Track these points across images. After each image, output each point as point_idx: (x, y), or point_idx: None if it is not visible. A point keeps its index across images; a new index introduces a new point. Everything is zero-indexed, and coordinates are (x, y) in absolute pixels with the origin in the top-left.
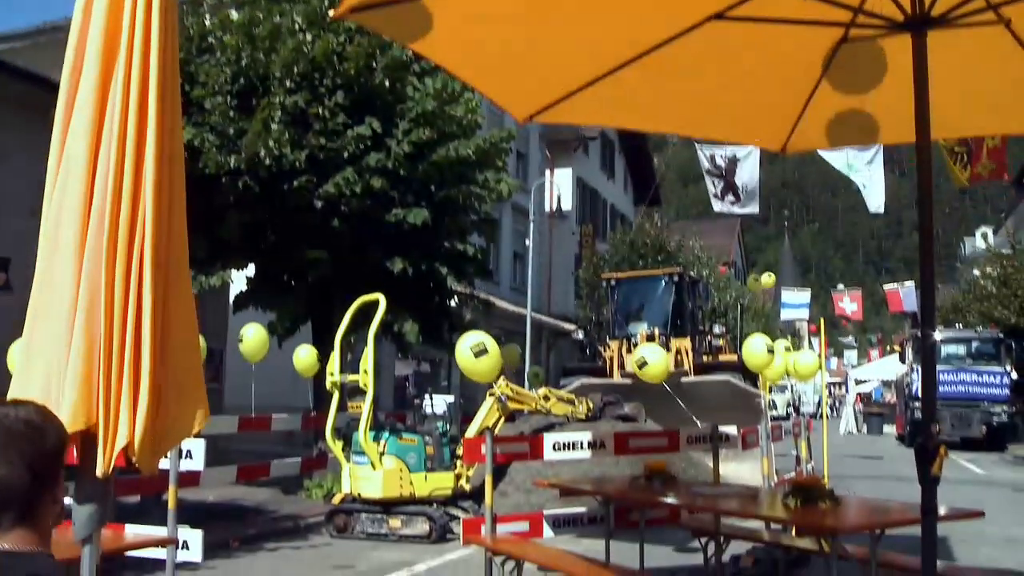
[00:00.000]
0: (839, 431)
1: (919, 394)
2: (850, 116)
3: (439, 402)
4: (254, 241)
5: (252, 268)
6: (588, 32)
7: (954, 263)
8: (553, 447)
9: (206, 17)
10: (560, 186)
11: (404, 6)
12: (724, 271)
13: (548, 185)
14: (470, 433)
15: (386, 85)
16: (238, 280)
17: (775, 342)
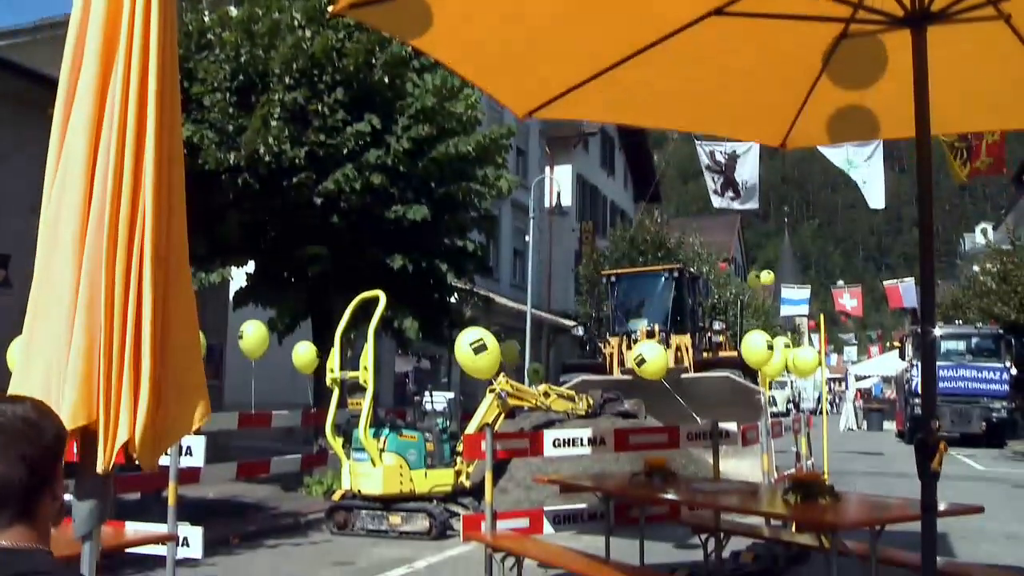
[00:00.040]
0: (839, 427)
1: (919, 390)
2: (850, 112)
3: (439, 399)
4: (254, 238)
5: (252, 265)
6: (588, 28)
7: (954, 259)
8: (553, 443)
9: (205, 14)
10: (560, 182)
11: (403, 2)
12: (724, 267)
13: (548, 181)
14: (470, 430)
15: (385, 81)
16: (238, 277)
17: (775, 339)
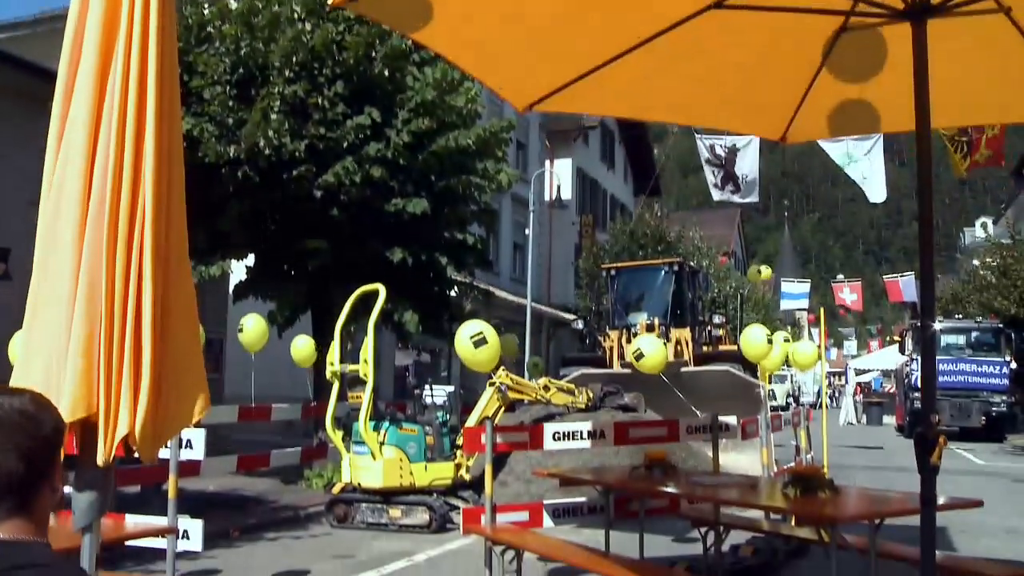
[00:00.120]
0: (839, 421)
1: (919, 384)
2: (850, 105)
3: (439, 392)
4: (254, 231)
5: (252, 258)
6: (588, 21)
7: (954, 253)
8: (553, 437)
9: (205, 7)
10: (560, 176)
11: None
12: (724, 261)
13: (548, 175)
14: (470, 423)
15: (386, 75)
16: (238, 270)
17: (775, 333)
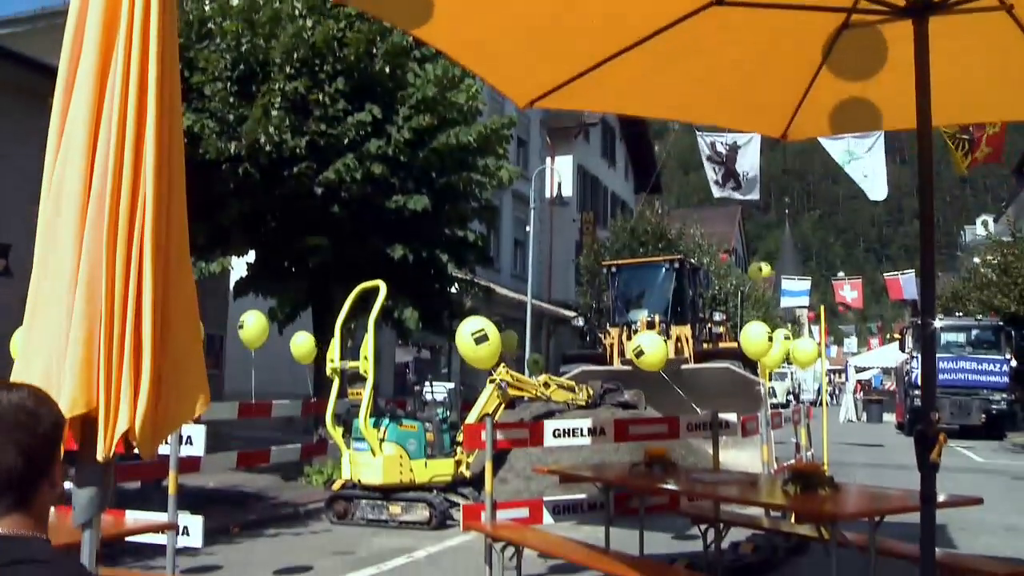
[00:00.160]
0: (839, 419)
1: (919, 382)
2: (851, 103)
3: (439, 389)
4: (254, 228)
5: (252, 254)
6: (589, 18)
7: (955, 251)
8: (553, 434)
9: (205, 2)
10: (561, 173)
11: None
12: (725, 259)
13: (549, 172)
14: (470, 420)
15: (386, 71)
16: (238, 266)
17: (775, 330)
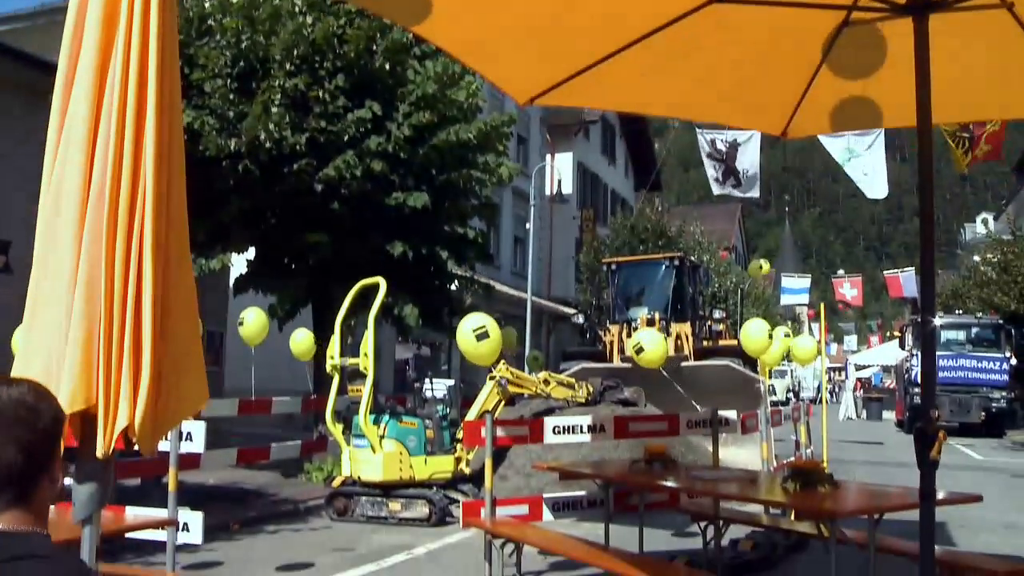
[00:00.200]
0: (838, 416)
1: (919, 380)
2: (851, 101)
3: (439, 386)
4: (254, 224)
5: (252, 251)
6: (589, 15)
7: (954, 249)
8: (553, 430)
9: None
10: (561, 170)
11: None
12: (724, 256)
13: (549, 169)
14: (470, 416)
15: (387, 68)
16: (238, 263)
17: (775, 328)
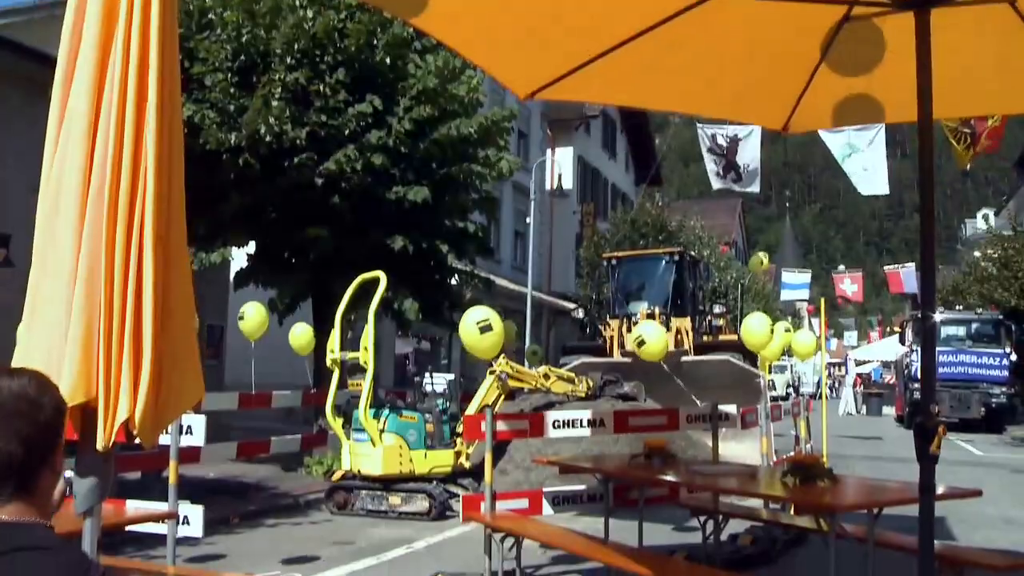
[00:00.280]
0: (838, 411)
1: (919, 375)
2: (853, 96)
3: (439, 380)
4: (255, 218)
5: (252, 245)
6: (590, 9)
7: (955, 245)
8: (553, 425)
9: None
10: (561, 165)
11: None
12: (725, 251)
13: (549, 164)
14: (470, 411)
15: (387, 62)
16: (238, 257)
17: (775, 323)
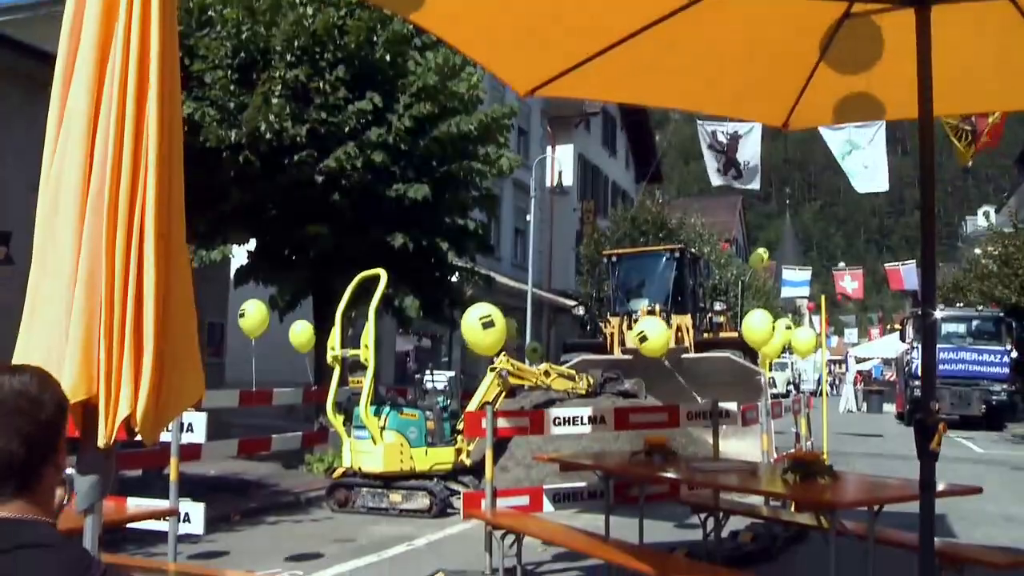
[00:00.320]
0: (839, 409)
1: (919, 372)
2: (853, 92)
3: (440, 378)
4: (255, 216)
5: (253, 243)
6: (590, 6)
7: (955, 242)
8: (554, 422)
9: None
10: (561, 162)
11: None
12: (725, 248)
13: (549, 161)
14: (471, 408)
15: (387, 59)
16: (239, 255)
17: (776, 320)
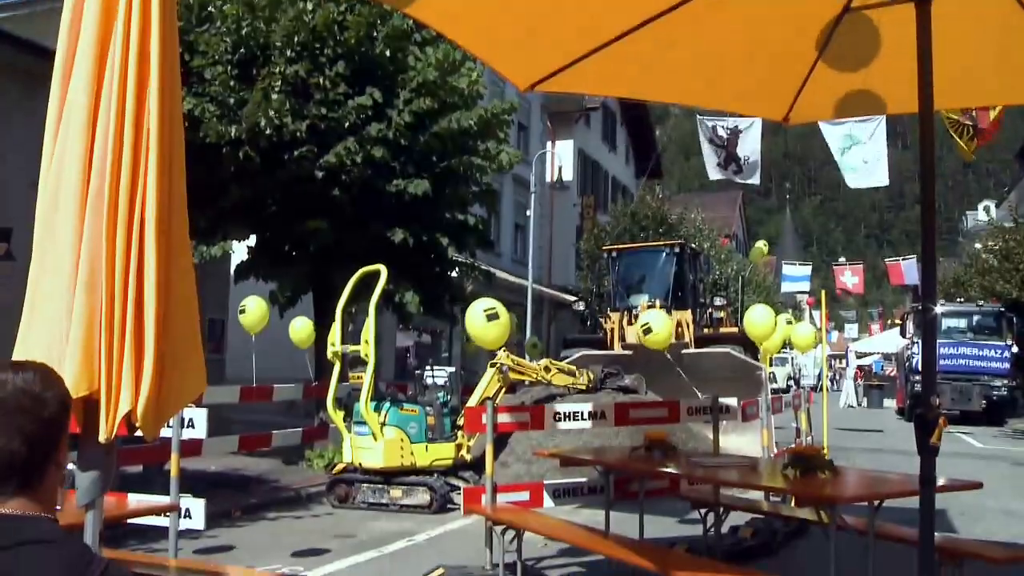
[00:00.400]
0: (839, 404)
1: (919, 367)
2: (854, 87)
3: (440, 373)
4: (255, 211)
5: (253, 238)
6: (591, 1)
7: (956, 237)
8: (554, 417)
9: None
10: (561, 157)
11: None
12: (725, 243)
13: (549, 156)
14: (471, 403)
15: (387, 55)
16: (239, 250)
17: (777, 316)
